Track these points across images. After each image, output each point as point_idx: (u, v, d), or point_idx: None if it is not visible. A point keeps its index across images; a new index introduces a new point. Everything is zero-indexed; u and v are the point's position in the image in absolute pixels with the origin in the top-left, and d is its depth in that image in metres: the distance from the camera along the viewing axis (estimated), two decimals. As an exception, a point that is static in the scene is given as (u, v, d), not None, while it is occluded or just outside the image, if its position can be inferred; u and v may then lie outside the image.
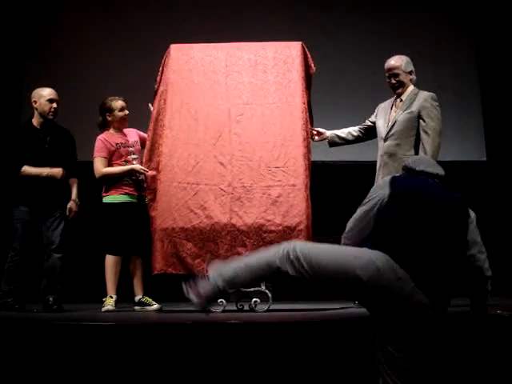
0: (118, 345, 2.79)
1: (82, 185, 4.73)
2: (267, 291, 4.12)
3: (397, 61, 4.25)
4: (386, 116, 4.31)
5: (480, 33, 6.68)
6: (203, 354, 2.77)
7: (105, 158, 4.46)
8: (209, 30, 6.03)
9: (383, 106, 4.40)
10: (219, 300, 4.09)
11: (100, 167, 4.44)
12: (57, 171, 4.47)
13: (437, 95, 4.22)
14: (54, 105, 4.55)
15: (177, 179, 4.24)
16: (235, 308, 4.35)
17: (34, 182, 4.50)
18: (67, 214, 4.56)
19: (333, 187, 6.09)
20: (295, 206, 4.13)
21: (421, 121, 4.12)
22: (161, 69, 4.46)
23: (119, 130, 4.60)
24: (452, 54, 6.61)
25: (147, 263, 4.39)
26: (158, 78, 4.46)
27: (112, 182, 4.47)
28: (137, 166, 4.43)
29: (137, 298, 4.51)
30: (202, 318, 2.80)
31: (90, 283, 5.33)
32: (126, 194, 4.47)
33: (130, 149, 4.55)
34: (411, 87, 4.26)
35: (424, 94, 4.20)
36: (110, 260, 4.43)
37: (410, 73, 4.27)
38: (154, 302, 4.50)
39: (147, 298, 4.52)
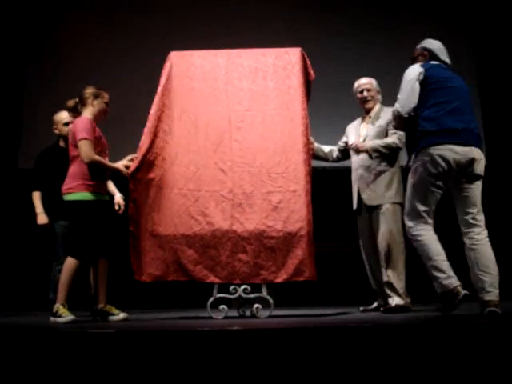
0: (120, 352, 2.78)
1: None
2: (269, 297, 4.12)
3: (368, 80, 4.79)
4: (356, 132, 4.78)
5: (479, 37, 6.71)
6: (205, 361, 2.77)
7: (93, 142, 4.06)
8: (208, 36, 6.06)
9: (353, 125, 4.89)
10: (221, 306, 4.10)
11: (92, 151, 4.01)
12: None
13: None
14: (71, 126, 4.64)
15: (178, 186, 4.25)
16: (237, 314, 4.36)
17: None
18: (116, 208, 4.68)
19: (334, 193, 6.09)
20: (296, 212, 4.14)
21: (389, 130, 4.59)
22: (161, 76, 4.46)
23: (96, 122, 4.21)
24: (450, 59, 6.62)
25: (114, 267, 4.22)
26: (159, 85, 4.44)
27: (91, 175, 4.07)
28: (124, 169, 4.16)
29: (99, 307, 4.10)
30: (202, 325, 2.79)
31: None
32: (96, 191, 4.09)
33: (105, 145, 4.23)
34: (378, 105, 4.76)
35: (391, 109, 4.44)
36: (73, 265, 3.98)
37: (378, 92, 4.78)
38: (117, 311, 4.09)
39: (110, 306, 4.11)
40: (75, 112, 4.28)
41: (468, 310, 3.62)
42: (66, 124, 4.84)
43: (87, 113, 4.20)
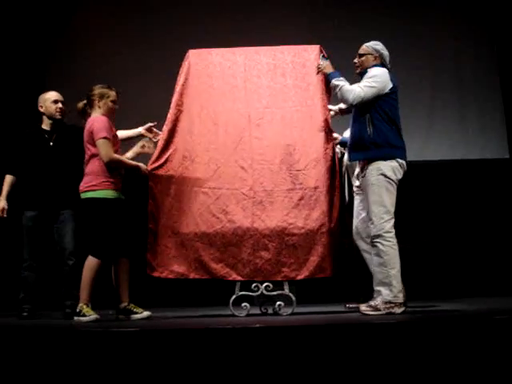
0: (144, 351, 2.80)
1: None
2: (291, 294, 4.12)
3: None
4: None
5: (501, 32, 6.62)
6: (228, 358, 2.77)
7: (111, 141, 4.06)
8: (226, 34, 6.05)
9: None
10: (243, 304, 4.10)
11: (111, 150, 4.02)
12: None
13: (458, 94, 4.23)
14: (59, 105, 4.69)
15: (198, 184, 4.25)
16: (259, 312, 4.36)
17: (38, 184, 4.56)
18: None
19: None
20: (317, 209, 4.13)
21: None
22: (180, 74, 4.46)
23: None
24: (472, 54, 6.55)
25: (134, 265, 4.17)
26: (177, 84, 4.45)
27: (111, 172, 4.07)
28: (143, 165, 4.20)
29: (122, 306, 4.09)
30: (225, 322, 2.79)
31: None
32: (117, 189, 4.11)
33: (118, 145, 4.19)
34: None
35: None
36: (95, 264, 3.99)
37: None
38: (141, 310, 4.09)
39: (133, 305, 4.10)
40: (84, 113, 4.26)
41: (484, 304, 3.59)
42: (56, 102, 4.69)
43: (95, 114, 4.16)
